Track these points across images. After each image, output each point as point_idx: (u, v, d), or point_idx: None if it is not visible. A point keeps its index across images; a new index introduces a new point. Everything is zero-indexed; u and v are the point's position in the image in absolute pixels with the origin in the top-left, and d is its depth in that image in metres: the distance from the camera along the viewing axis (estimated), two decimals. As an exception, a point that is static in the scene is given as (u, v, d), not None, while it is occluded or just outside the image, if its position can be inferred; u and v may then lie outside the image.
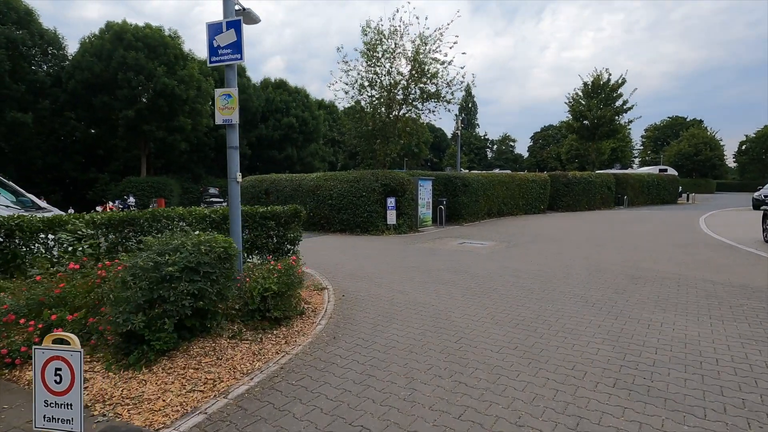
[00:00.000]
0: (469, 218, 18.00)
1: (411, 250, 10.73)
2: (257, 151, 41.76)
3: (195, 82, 28.16)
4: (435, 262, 8.89)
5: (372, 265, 8.64)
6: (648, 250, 9.96)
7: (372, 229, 14.35)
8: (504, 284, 6.67)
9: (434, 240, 12.67)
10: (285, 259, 4.86)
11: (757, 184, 65.53)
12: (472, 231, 14.89)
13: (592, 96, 29.37)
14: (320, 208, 15.20)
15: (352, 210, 14.46)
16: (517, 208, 21.46)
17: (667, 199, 30.14)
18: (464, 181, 17.57)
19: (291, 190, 16.26)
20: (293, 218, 6.50)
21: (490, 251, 10.36)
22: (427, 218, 16.21)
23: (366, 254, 10.10)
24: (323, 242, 12.46)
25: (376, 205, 14.33)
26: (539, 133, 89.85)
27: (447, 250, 10.55)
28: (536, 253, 9.96)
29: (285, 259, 4.86)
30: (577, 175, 24.36)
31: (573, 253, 9.73)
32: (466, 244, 11.83)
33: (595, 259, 8.87)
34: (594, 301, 5.60)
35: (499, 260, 9.00)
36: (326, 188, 15.02)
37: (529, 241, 12.05)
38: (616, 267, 7.98)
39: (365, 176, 14.51)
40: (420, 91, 16.53)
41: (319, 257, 9.64)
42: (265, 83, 44.45)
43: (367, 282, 6.99)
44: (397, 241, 12.56)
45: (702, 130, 63.47)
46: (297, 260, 5.36)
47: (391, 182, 14.36)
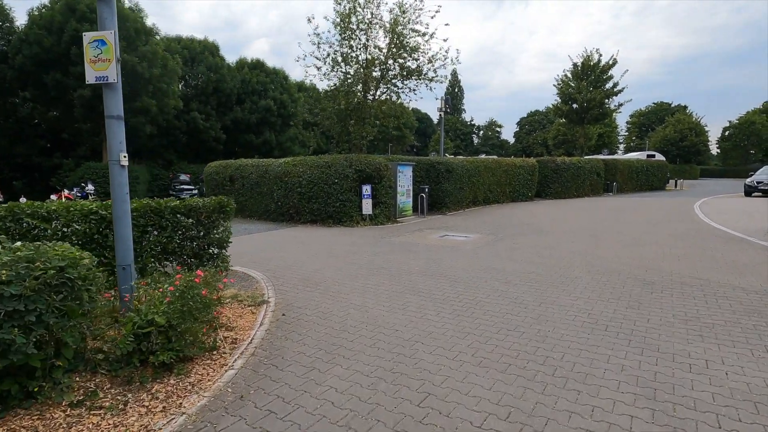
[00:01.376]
0: (453, 207, 16.72)
1: (385, 245, 9.38)
2: (233, 135, 39.61)
3: (160, 59, 25.96)
4: (410, 261, 7.55)
5: (335, 265, 7.26)
6: (651, 243, 8.79)
7: (346, 220, 12.94)
8: (490, 294, 5.36)
9: (413, 232, 11.33)
10: (188, 276, 3.45)
11: (739, 171, 66.04)
12: (456, 221, 13.60)
13: (581, 78, 28.12)
14: (289, 196, 13.70)
15: (324, 199, 13.01)
16: (503, 196, 20.27)
17: (656, 185, 29.35)
18: (448, 166, 16.22)
19: (257, 176, 14.70)
20: (218, 213, 5.03)
21: (474, 246, 9.07)
22: (408, 207, 14.86)
23: (332, 251, 8.71)
24: (287, 236, 11.01)
25: (350, 194, 12.90)
26: (525, 119, 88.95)
27: (426, 246, 9.22)
28: (527, 247, 8.70)
29: (188, 276, 3.45)
30: (566, 161, 23.23)
31: (568, 248, 8.50)
32: (448, 238, 10.53)
33: (594, 256, 7.64)
34: (606, 322, 4.34)
35: (484, 258, 7.70)
36: (295, 174, 13.51)
37: (517, 233, 10.80)
38: (621, 266, 6.76)
39: (337, 161, 13.03)
40: (399, 67, 15.00)
41: (276, 255, 8.21)
42: (241, 63, 42.03)
43: (321, 292, 5.61)
44: (371, 234, 11.18)
45: (687, 116, 63.22)
46: (219, 271, 3.92)
47: (366, 168, 12.92)
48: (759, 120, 67.46)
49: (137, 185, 27.39)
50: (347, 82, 14.30)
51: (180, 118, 34.12)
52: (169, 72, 27.03)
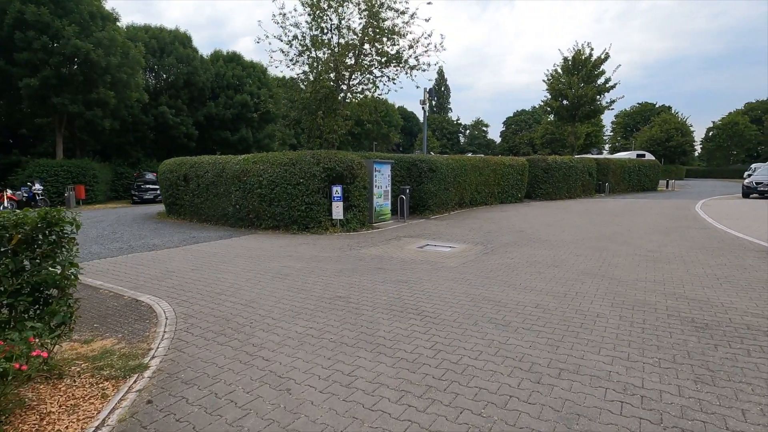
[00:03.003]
0: (437, 209, 15.09)
1: (352, 260, 7.65)
2: (207, 131, 37.41)
3: (119, 47, 23.74)
4: (378, 286, 5.84)
5: (277, 294, 5.51)
6: (674, 258, 7.25)
7: (313, 226, 11.18)
8: (482, 349, 3.69)
9: (389, 241, 9.63)
10: None
11: (723, 171, 66.10)
12: (440, 227, 11.95)
13: (572, 73, 26.79)
14: (247, 198, 11.87)
15: (287, 201, 11.22)
16: (492, 197, 18.74)
17: (647, 186, 28.24)
18: (431, 165, 14.57)
19: (213, 176, 12.82)
20: (44, 234, 3.09)
21: (460, 261, 7.40)
22: (386, 211, 13.16)
23: (283, 269, 6.95)
24: (238, 247, 9.20)
25: (318, 195, 11.14)
26: (512, 118, 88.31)
27: (401, 261, 7.53)
28: (524, 264, 7.08)
29: None
30: (557, 160, 21.84)
31: (575, 265, 6.90)
32: (430, 249, 8.86)
33: (612, 278, 6.05)
34: (673, 416, 2.69)
35: (472, 280, 6.04)
36: (254, 173, 11.68)
37: (510, 243, 9.19)
38: (652, 295, 5.16)
39: (303, 158, 11.25)
40: (376, 52, 13.29)
41: (209, 277, 6.42)
42: (216, 56, 39.83)
43: (236, 345, 3.86)
44: (339, 243, 9.44)
45: (673, 116, 62.99)
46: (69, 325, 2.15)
47: (336, 166, 11.17)
48: (741, 121, 67.75)
49: (96, 185, 25.16)
50: (317, 69, 12.53)
51: (147, 112, 31.85)
52: (130, 61, 24.81)
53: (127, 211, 19.03)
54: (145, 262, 7.73)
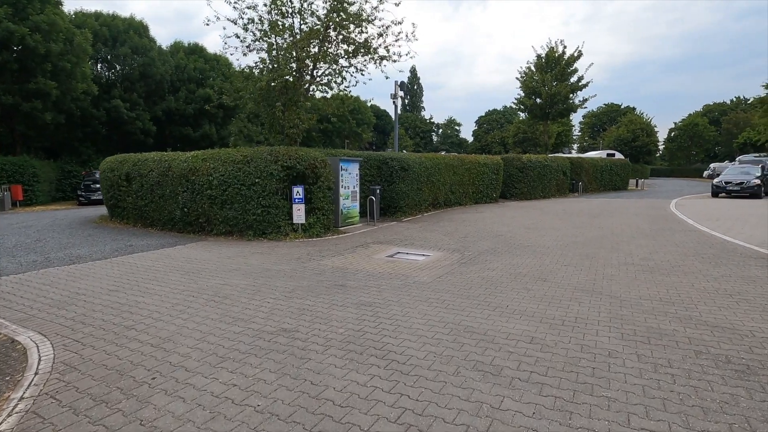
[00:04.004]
0: (409, 211, 14.11)
1: (309, 275, 6.52)
2: (166, 127, 35.18)
3: (62, 33, 21.57)
4: (334, 314, 4.75)
5: (203, 328, 4.34)
6: (672, 269, 6.50)
7: (271, 232, 9.96)
8: (466, 420, 2.67)
9: (355, 249, 8.54)
10: None
11: (684, 170, 68.41)
12: (412, 231, 10.95)
13: (546, 70, 26.43)
14: (197, 201, 10.50)
15: (241, 204, 9.95)
16: (466, 197, 17.94)
17: (619, 185, 28.28)
18: (403, 163, 13.56)
19: (158, 175, 11.36)
20: None
21: (434, 275, 6.40)
22: (353, 213, 12.05)
23: (222, 289, 5.75)
24: (178, 258, 7.88)
25: (276, 197, 9.92)
26: (484, 118, 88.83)
27: (367, 275, 6.46)
28: (507, 277, 6.14)
29: None
30: (532, 159, 21.31)
31: (565, 278, 6.02)
32: (400, 258, 7.83)
33: (611, 296, 5.18)
34: None
35: (450, 302, 5.04)
36: (204, 172, 10.34)
37: (490, 250, 8.28)
38: (665, 321, 4.30)
39: (259, 155, 10.00)
40: (343, 40, 12.16)
41: (128, 301, 5.15)
42: (176, 47, 37.54)
43: (112, 426, 2.69)
44: (299, 252, 8.27)
45: (639, 117, 64.64)
46: None
47: (297, 164, 9.98)
48: (701, 122, 70.33)
49: (36, 184, 22.88)
50: (278, 56, 11.26)
51: (98, 106, 29.50)
52: (75, 49, 22.65)
53: (67, 214, 17.12)
54: (56, 280, 6.34)
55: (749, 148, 54.33)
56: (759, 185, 19.70)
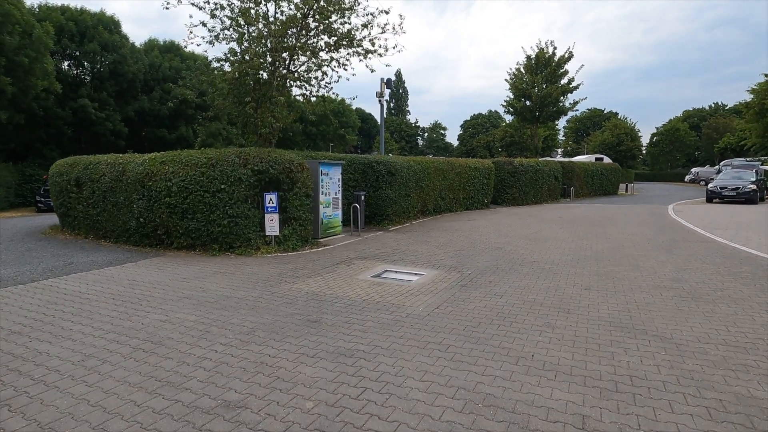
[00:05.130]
0: (397, 219, 12.94)
1: (276, 305, 5.27)
2: (140, 129, 33.35)
3: (18, 25, 19.83)
4: (300, 373, 3.54)
5: (111, 402, 3.08)
6: (717, 297, 5.46)
7: (239, 246, 8.67)
8: None
9: (336, 267, 7.31)
10: None
11: (666, 174, 69.10)
12: (401, 242, 9.77)
13: (536, 72, 25.68)
14: (154, 209, 9.13)
15: (205, 213, 8.63)
16: (456, 203, 16.89)
17: (609, 190, 27.69)
18: (390, 167, 12.40)
19: (111, 180, 9.95)
20: None
21: (431, 303, 5.23)
22: (335, 223, 10.82)
23: (160, 330, 4.46)
24: (119, 282, 6.53)
25: (245, 206, 8.65)
26: (469, 122, 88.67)
27: (348, 304, 5.24)
28: (520, 306, 5.01)
29: None
30: (524, 163, 20.42)
31: (592, 308, 4.92)
32: (388, 278, 6.64)
33: (661, 337, 4.10)
34: None
35: (455, 348, 3.89)
36: (162, 177, 8.99)
37: (492, 267, 7.15)
38: (749, 377, 3.21)
39: (225, 158, 8.71)
40: (323, 30, 10.96)
41: (17, 351, 3.83)
42: (150, 45, 35.80)
43: None
44: (268, 273, 7.00)
45: (623, 121, 64.99)
46: None
47: (270, 167, 8.73)
48: (682, 127, 71.25)
49: (-10, 189, 20.97)
50: (250, 47, 9.98)
51: (64, 105, 27.63)
52: (34, 43, 20.91)
53: (16, 222, 15.43)
54: (-49, 315, 4.95)
55: (729, 152, 55.00)
56: (755, 191, 19.18)
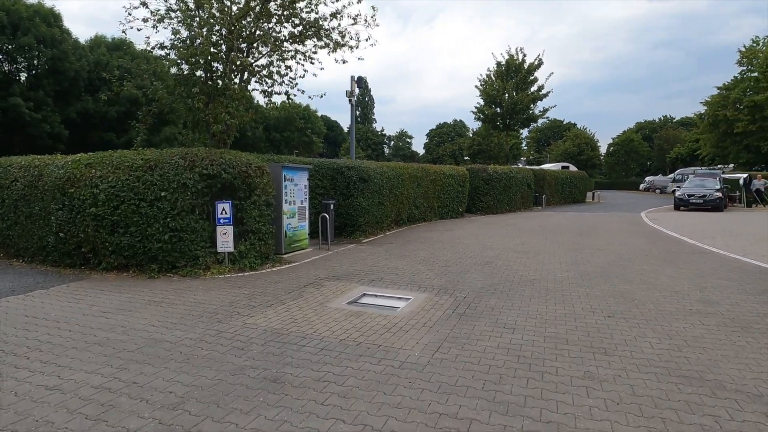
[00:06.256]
0: (370, 229, 11.73)
1: (220, 354, 3.91)
2: (84, 132, 30.50)
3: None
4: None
5: None
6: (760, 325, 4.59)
7: (185, 265, 7.17)
8: None
9: (302, 291, 5.99)
10: None
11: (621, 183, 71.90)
12: (377, 257, 8.56)
13: (506, 78, 25.39)
14: (77, 222, 7.45)
15: (141, 227, 7.07)
16: (431, 212, 15.89)
17: (578, 197, 27.71)
18: (362, 173, 11.20)
19: (24, 186, 8.17)
20: None
21: (427, 344, 4.04)
22: (301, 236, 9.46)
23: (37, 407, 3.00)
24: (11, 317, 4.93)
25: (192, 217, 7.17)
26: (435, 130, 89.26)
27: (318, 349, 3.96)
28: (545, 347, 3.93)
29: None
30: (498, 170, 19.78)
31: (635, 347, 3.92)
32: (368, 305, 5.42)
33: (740, 389, 3.11)
34: None
35: (473, 419, 2.74)
36: (87, 183, 7.35)
37: (488, 287, 6.07)
38: None
39: (167, 159, 7.22)
40: (287, 18, 9.68)
41: None
42: (97, 41, 33.10)
43: None
44: (216, 301, 5.58)
45: (583, 131, 67.13)
46: None
47: (223, 171, 7.30)
48: (635, 138, 74.58)
49: None
50: (200, 32, 8.52)
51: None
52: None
53: None
54: None
55: (680, 162, 57.80)
56: (721, 198, 19.42)
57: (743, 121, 29.21)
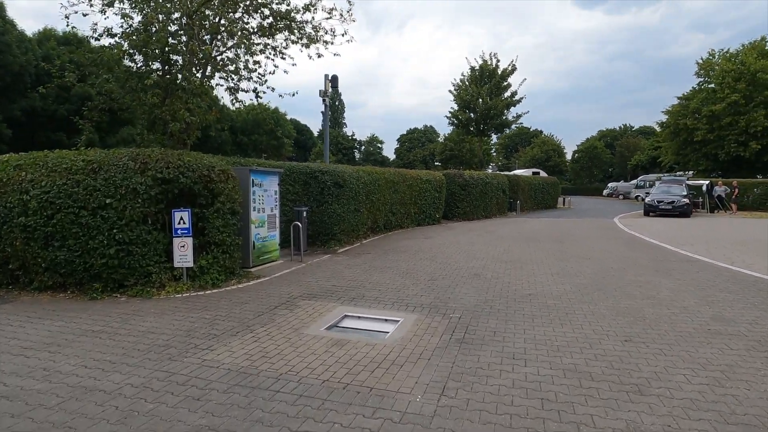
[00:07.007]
0: (345, 238, 10.97)
1: (171, 403, 3.08)
2: (29, 131, 28.13)
3: None
4: None
5: None
6: None
7: (135, 284, 6.20)
8: None
9: (273, 314, 5.17)
10: None
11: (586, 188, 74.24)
12: (356, 270, 7.81)
13: (480, 83, 25.29)
14: (4, 235, 6.32)
15: (81, 240, 6.04)
16: (408, 218, 15.29)
17: (550, 203, 27.93)
18: (337, 178, 10.44)
19: (-61, 191, 6.88)
20: None
21: (425, 386, 3.36)
22: (271, 247, 8.58)
23: None
24: None
25: (144, 227, 6.21)
26: (405, 136, 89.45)
27: (295, 392, 3.20)
28: (568, 389, 3.34)
29: None
30: (474, 176, 19.46)
31: (667, 381, 3.39)
32: (350, 329, 4.72)
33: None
34: None
35: None
36: (16, 189, 6.26)
37: (484, 306, 5.47)
38: None
39: (114, 161, 6.24)
40: (255, 7, 8.85)
41: None
42: (46, 34, 30.79)
43: None
44: (169, 329, 4.69)
45: (551, 138, 68.84)
46: None
47: (180, 175, 6.37)
48: (599, 145, 77.22)
49: None
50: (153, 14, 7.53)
51: None
52: None
53: None
54: None
55: (640, 169, 60.22)
56: (688, 204, 19.88)
57: (702, 129, 30.43)
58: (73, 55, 30.10)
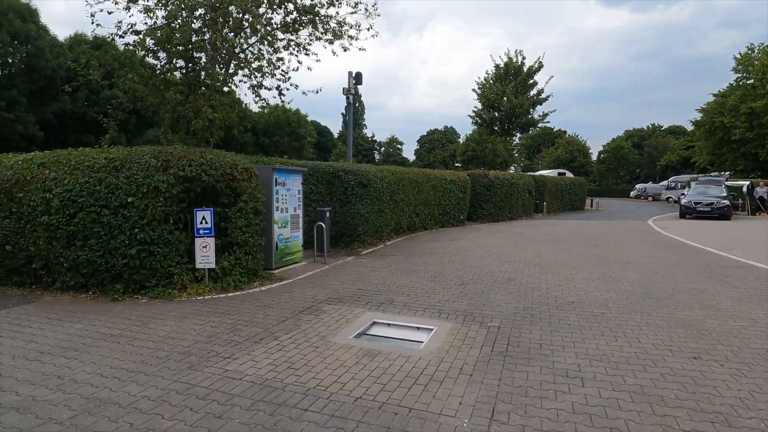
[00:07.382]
0: (369, 239, 10.64)
1: (189, 421, 2.77)
2: (60, 134, 28.90)
3: None
4: None
5: None
6: None
7: (156, 285, 6.01)
8: None
9: (298, 319, 4.86)
10: None
11: (612, 190, 72.04)
12: (382, 272, 7.47)
13: (505, 81, 24.64)
14: (27, 233, 6.24)
15: (103, 239, 5.89)
16: (432, 220, 14.88)
17: (577, 205, 26.98)
18: (361, 177, 10.13)
19: (-34, 189, 6.87)
20: None
21: (470, 408, 2.98)
22: (294, 248, 8.32)
23: None
24: None
25: (166, 227, 6.01)
26: (425, 137, 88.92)
27: (325, 411, 2.87)
28: (643, 419, 2.88)
29: None
30: (499, 176, 18.88)
31: (757, 411, 2.86)
32: (381, 337, 4.38)
33: None
34: None
35: None
36: (39, 187, 6.16)
37: (523, 313, 5.03)
38: None
39: (136, 158, 6.07)
40: (278, 4, 8.63)
41: None
42: (77, 40, 31.55)
43: None
44: (191, 335, 4.43)
45: (575, 138, 67.09)
46: None
47: (203, 173, 6.16)
48: (626, 146, 74.87)
49: None
50: (177, 10, 7.39)
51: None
52: None
53: None
54: None
55: (670, 170, 57.95)
56: (728, 206, 18.79)
57: (740, 128, 28.92)
58: (97, 53, 30.84)
